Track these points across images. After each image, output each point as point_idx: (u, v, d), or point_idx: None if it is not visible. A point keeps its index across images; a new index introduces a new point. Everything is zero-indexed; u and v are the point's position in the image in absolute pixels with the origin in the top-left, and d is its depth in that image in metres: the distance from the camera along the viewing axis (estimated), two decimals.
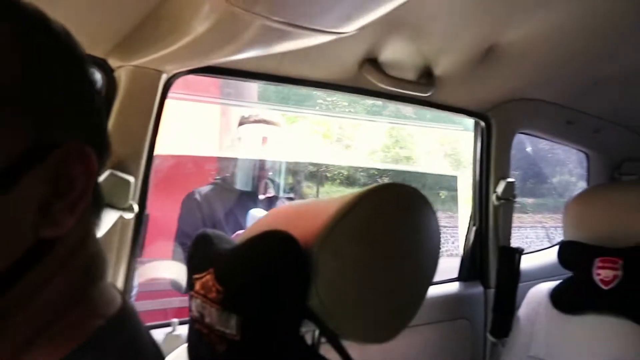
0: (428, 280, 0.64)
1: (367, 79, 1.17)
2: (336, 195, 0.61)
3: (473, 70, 1.26)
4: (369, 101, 1.45)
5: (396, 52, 1.13)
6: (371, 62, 1.14)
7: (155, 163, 1.03)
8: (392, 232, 0.58)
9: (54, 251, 0.35)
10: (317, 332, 0.62)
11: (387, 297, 0.58)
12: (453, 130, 1.94)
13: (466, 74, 1.28)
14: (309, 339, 0.60)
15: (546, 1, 0.96)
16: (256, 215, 1.64)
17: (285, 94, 1.52)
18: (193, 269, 0.60)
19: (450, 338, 1.57)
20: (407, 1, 0.71)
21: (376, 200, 0.57)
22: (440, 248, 0.64)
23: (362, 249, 0.55)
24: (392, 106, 1.66)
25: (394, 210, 0.59)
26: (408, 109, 1.57)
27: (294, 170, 1.77)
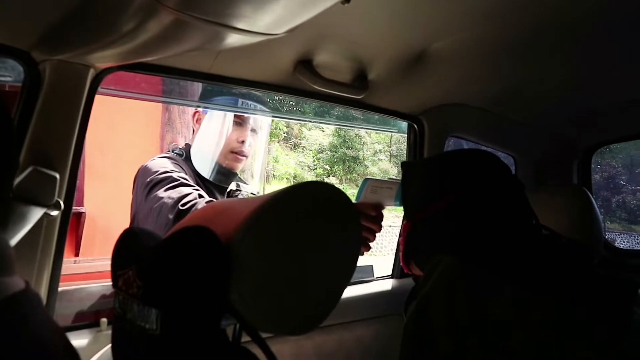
0: (346, 275, 0.67)
1: (302, 79, 1.19)
2: None
3: (405, 75, 1.31)
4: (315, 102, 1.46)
5: (329, 56, 1.16)
6: (305, 63, 1.16)
7: None
8: (311, 229, 0.61)
9: None
10: (237, 326, 0.63)
11: (305, 291, 0.60)
12: (395, 133, 2.00)
13: (398, 78, 1.33)
14: (229, 333, 0.62)
15: (468, 16, 1.02)
16: None
17: (227, 92, 1.49)
18: (117, 265, 0.59)
19: (384, 333, 1.62)
20: (337, 8, 0.74)
21: (297, 197, 0.59)
22: (359, 247, 0.67)
23: (280, 243, 0.57)
24: (339, 107, 1.67)
25: (314, 207, 0.61)
26: (354, 110, 1.59)
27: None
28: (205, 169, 1.52)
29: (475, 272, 0.78)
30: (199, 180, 1.51)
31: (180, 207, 1.22)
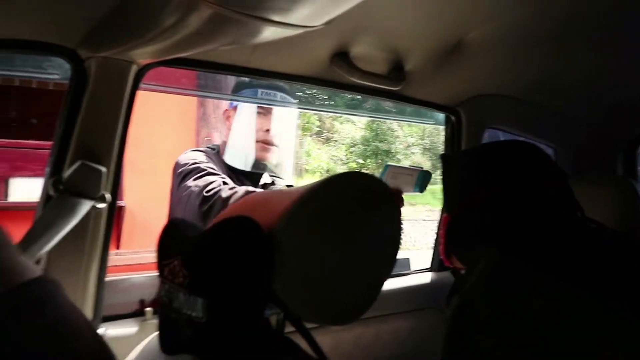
0: (388, 266, 0.66)
1: (338, 72, 1.18)
2: None
3: (442, 66, 1.29)
4: (349, 95, 1.47)
5: (366, 47, 1.15)
6: (342, 55, 1.15)
7: None
8: (351, 217, 0.60)
9: None
10: (281, 315, 0.64)
11: (348, 281, 0.61)
12: (431, 124, 1.97)
13: (435, 69, 1.31)
14: (273, 322, 0.63)
15: (503, 4, 1.00)
16: None
17: (247, 84, 1.51)
18: (162, 255, 0.61)
19: (421, 327, 1.61)
20: None
21: (336, 186, 0.60)
22: (400, 237, 0.66)
23: (321, 233, 0.57)
24: (372, 100, 1.67)
25: (353, 196, 0.61)
26: (388, 102, 1.59)
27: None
28: (236, 163, 1.56)
29: (517, 266, 0.77)
30: (232, 173, 1.55)
31: (205, 194, 1.31)
